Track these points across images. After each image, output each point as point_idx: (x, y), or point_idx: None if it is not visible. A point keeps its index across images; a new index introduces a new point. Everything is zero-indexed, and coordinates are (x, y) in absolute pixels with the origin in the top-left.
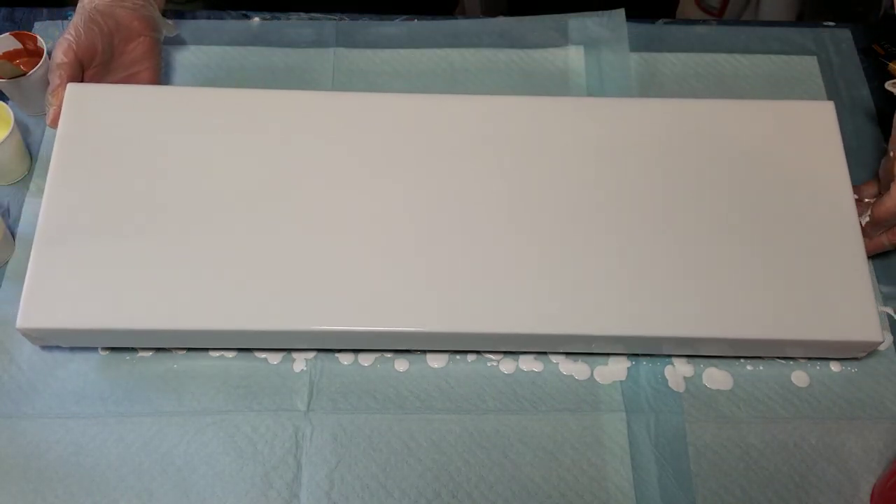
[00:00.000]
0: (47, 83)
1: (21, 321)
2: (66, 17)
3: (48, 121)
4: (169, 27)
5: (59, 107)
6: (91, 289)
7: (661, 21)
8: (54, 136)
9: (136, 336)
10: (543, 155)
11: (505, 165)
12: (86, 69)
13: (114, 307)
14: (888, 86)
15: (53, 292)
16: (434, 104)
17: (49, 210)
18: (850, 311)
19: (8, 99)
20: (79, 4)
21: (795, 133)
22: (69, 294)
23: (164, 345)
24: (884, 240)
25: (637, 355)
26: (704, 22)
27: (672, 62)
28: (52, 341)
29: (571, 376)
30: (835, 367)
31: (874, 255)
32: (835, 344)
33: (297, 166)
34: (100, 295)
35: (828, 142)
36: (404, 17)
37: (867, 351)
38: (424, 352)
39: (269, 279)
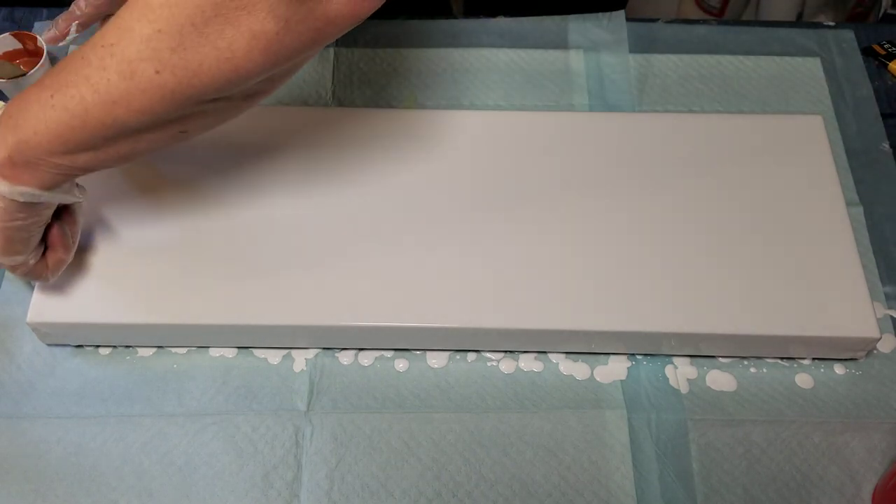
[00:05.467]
0: None
1: (31, 316)
2: None
3: (44, 37)
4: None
5: (62, 29)
6: (99, 286)
7: (661, 21)
8: None
9: (142, 331)
10: (548, 162)
11: (508, 170)
12: None
13: (120, 303)
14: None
15: (63, 289)
16: (443, 119)
17: None
18: (848, 308)
19: (8, 99)
20: None
21: (789, 144)
22: (78, 290)
23: (169, 342)
24: None
25: (637, 355)
26: (705, 22)
27: (676, 64)
28: (59, 338)
29: (572, 376)
30: (839, 369)
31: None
32: (833, 340)
33: (302, 173)
34: (107, 291)
35: (818, 151)
36: (404, 17)
37: (866, 349)
38: (424, 351)
39: (272, 277)
